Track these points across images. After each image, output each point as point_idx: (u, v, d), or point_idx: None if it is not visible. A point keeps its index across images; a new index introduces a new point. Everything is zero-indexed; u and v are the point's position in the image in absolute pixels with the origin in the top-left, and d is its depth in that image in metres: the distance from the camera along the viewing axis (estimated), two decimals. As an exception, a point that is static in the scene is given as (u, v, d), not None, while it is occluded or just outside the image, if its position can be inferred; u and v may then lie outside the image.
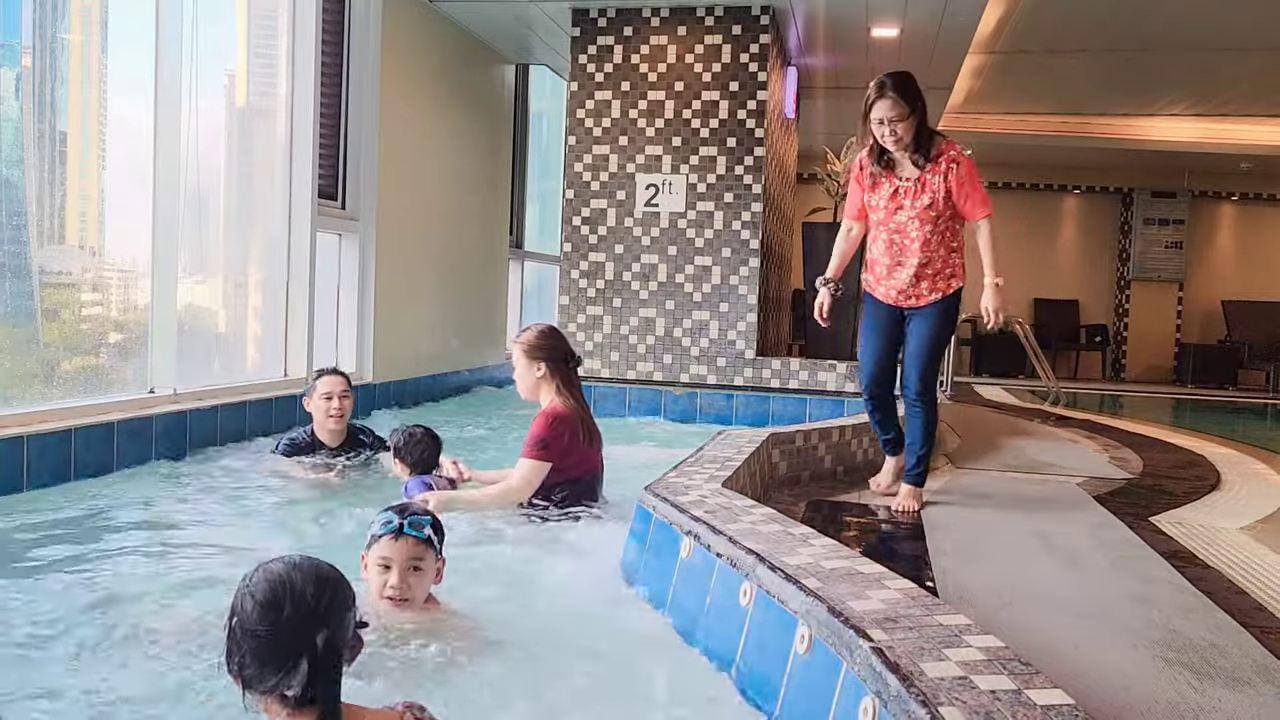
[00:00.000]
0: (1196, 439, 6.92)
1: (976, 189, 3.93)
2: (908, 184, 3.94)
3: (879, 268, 4.07)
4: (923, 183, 3.90)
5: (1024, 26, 7.96)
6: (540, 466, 3.51)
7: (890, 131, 3.79)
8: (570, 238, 7.10)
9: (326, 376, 4.35)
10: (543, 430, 3.54)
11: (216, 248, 5.33)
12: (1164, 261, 13.80)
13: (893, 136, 3.80)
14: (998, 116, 11.56)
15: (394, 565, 2.24)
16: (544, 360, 3.65)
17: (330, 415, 4.26)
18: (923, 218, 3.92)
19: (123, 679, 2.03)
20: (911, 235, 3.95)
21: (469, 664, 2.12)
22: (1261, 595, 2.99)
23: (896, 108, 3.76)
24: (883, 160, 3.94)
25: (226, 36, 5.44)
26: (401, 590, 2.23)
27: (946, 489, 4.48)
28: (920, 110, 3.83)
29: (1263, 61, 8.76)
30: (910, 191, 3.94)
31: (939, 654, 1.58)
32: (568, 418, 3.59)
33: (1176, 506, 4.36)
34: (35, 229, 4.10)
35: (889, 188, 3.97)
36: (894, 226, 3.97)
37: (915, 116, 3.80)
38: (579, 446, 3.61)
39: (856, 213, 4.13)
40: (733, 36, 6.83)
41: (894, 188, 3.96)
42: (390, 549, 2.24)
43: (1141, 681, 2.23)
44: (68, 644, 2.21)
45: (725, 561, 2.27)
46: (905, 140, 3.82)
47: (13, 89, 4.12)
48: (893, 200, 3.96)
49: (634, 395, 6.83)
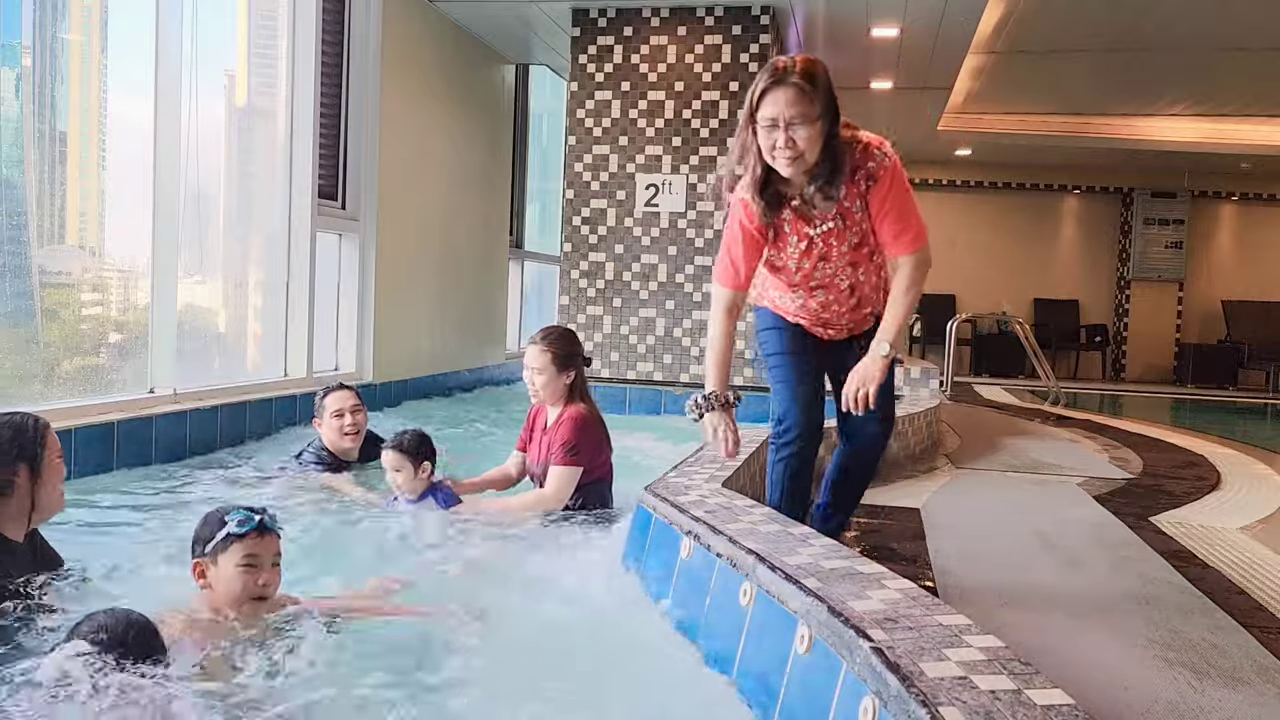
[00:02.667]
0: (1196, 439, 6.92)
1: (907, 207, 2.67)
2: (824, 228, 2.70)
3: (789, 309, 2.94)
4: (843, 215, 2.69)
5: (1024, 26, 7.95)
6: (574, 473, 3.51)
7: (786, 141, 2.53)
8: (570, 238, 7.10)
9: (333, 394, 4.04)
10: (573, 436, 3.52)
11: (216, 248, 5.33)
12: (1164, 261, 13.80)
13: (788, 149, 2.53)
14: (998, 116, 11.55)
15: (261, 562, 2.17)
16: (574, 368, 3.63)
17: (346, 434, 3.97)
18: (854, 260, 2.77)
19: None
20: (842, 287, 2.82)
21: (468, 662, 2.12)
22: (1261, 595, 2.99)
23: (800, 102, 2.51)
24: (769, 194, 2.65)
25: (226, 36, 5.44)
26: (270, 588, 2.19)
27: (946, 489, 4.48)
28: (832, 114, 2.58)
29: (1263, 61, 8.76)
30: (830, 236, 2.71)
31: (939, 654, 1.58)
32: (594, 421, 3.61)
33: (1176, 506, 4.36)
34: (35, 229, 4.10)
35: (798, 241, 2.74)
36: (815, 283, 2.82)
37: (824, 123, 2.56)
38: (603, 449, 3.63)
39: (739, 279, 2.76)
40: (733, 36, 6.83)
41: (805, 239, 2.72)
42: (257, 545, 2.17)
43: (1141, 681, 2.23)
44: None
45: (725, 561, 2.27)
46: (806, 157, 2.56)
47: (13, 89, 4.12)
48: (806, 257, 2.75)
49: (634, 395, 6.83)
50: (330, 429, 3.99)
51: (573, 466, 3.50)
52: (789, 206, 2.70)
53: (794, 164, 2.57)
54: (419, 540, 3.17)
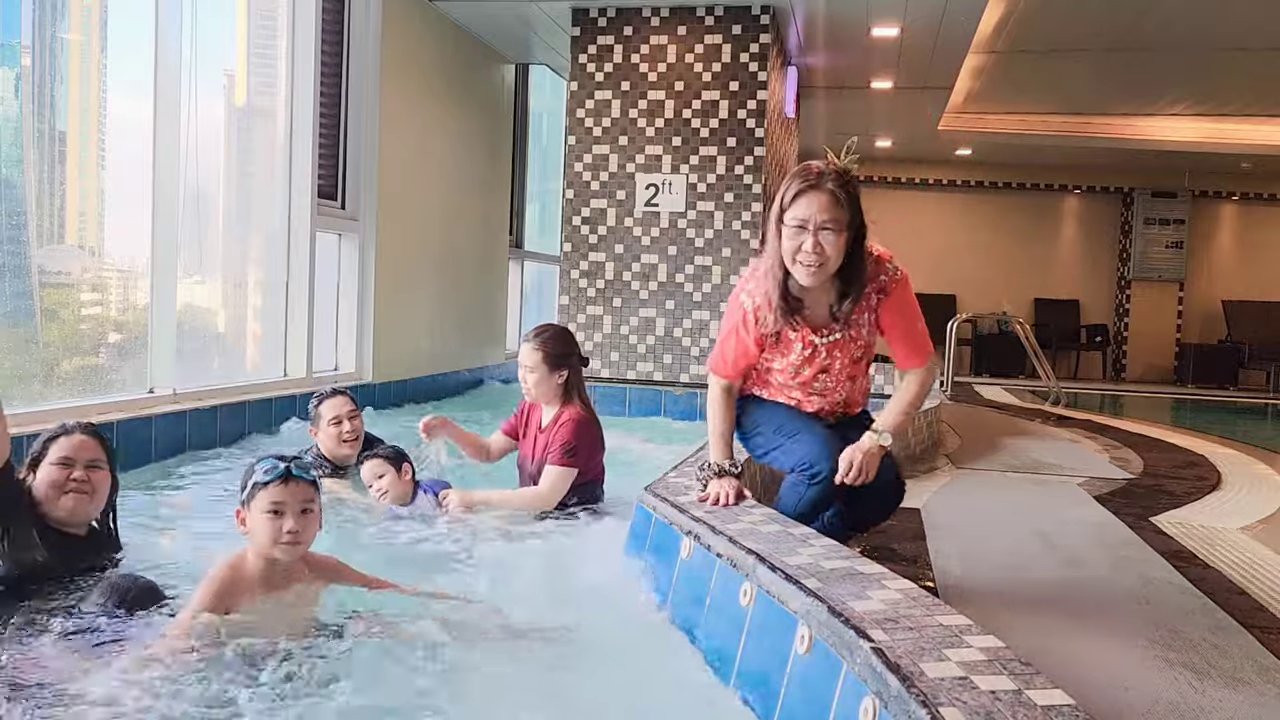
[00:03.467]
0: (1197, 439, 6.91)
1: (918, 324, 2.70)
2: (831, 339, 2.69)
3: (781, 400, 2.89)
4: (851, 327, 2.69)
5: (1024, 26, 7.95)
6: (570, 473, 3.52)
7: (814, 245, 2.50)
8: (570, 238, 7.10)
9: (328, 400, 3.84)
10: (572, 437, 3.53)
11: (216, 248, 5.33)
12: (1164, 261, 13.80)
13: (814, 254, 2.50)
14: (998, 116, 11.55)
15: (286, 510, 2.22)
16: (568, 368, 3.63)
17: (345, 441, 3.80)
18: (853, 374, 2.80)
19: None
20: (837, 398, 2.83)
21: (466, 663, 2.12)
22: (1261, 595, 2.99)
23: (834, 208, 2.50)
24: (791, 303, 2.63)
25: (226, 36, 5.44)
26: (298, 534, 2.22)
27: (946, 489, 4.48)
28: (859, 225, 2.56)
29: (1263, 61, 8.75)
30: (835, 347, 2.71)
31: (939, 654, 1.58)
32: (591, 422, 3.62)
33: (1177, 506, 4.35)
34: (35, 229, 4.10)
35: (803, 349, 2.71)
36: (813, 391, 2.81)
37: (850, 234, 2.54)
38: (597, 451, 3.65)
39: (738, 370, 2.81)
40: (733, 36, 6.83)
41: (809, 346, 2.70)
42: (281, 493, 2.23)
43: (1141, 681, 2.23)
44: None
45: (725, 561, 2.27)
46: (829, 265, 2.53)
47: (13, 89, 4.12)
48: (809, 364, 2.73)
49: (634, 395, 6.83)
50: (328, 436, 3.82)
51: (569, 468, 3.51)
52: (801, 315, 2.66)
53: (817, 272, 2.54)
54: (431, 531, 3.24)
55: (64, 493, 2.53)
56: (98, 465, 2.60)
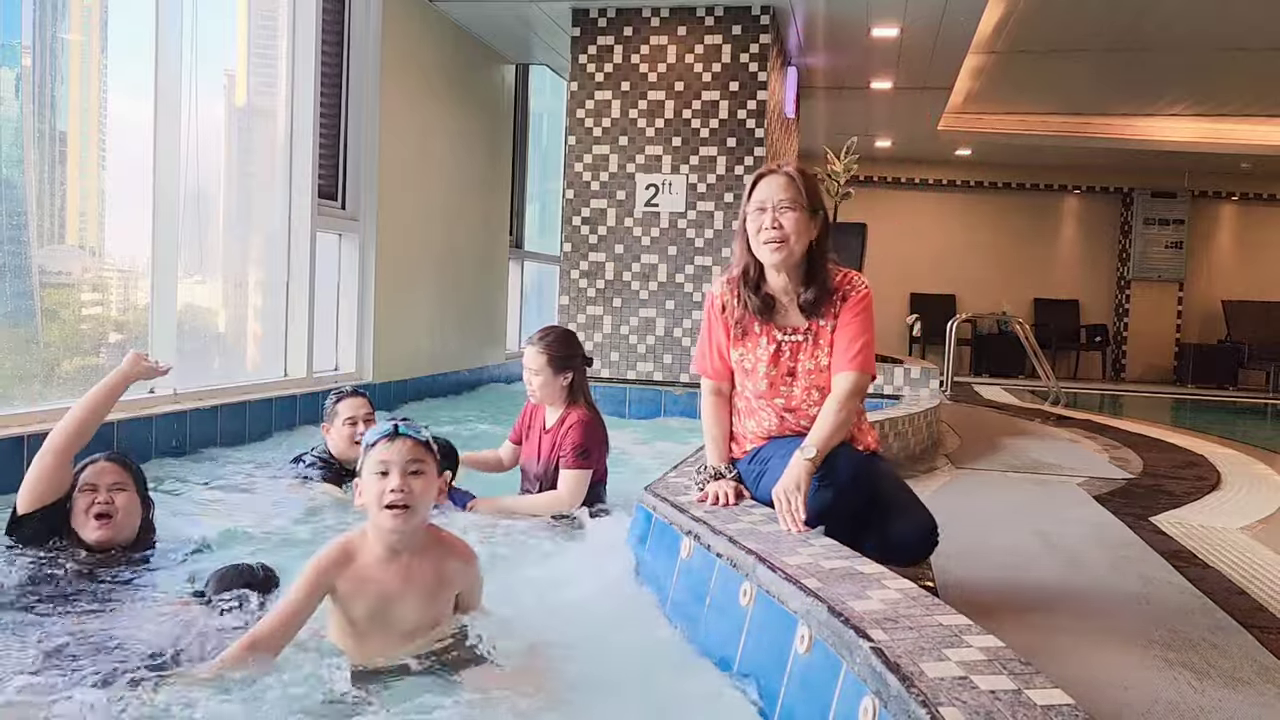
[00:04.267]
0: (1197, 439, 6.92)
1: (868, 332, 2.71)
2: (794, 338, 2.75)
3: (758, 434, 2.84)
4: (815, 332, 2.74)
5: (1024, 26, 7.95)
6: (586, 475, 3.55)
7: (773, 222, 2.64)
8: (570, 238, 7.10)
9: (346, 400, 3.87)
10: (582, 439, 3.55)
11: (216, 248, 5.33)
12: (1164, 261, 13.81)
13: (775, 232, 2.63)
14: (998, 116, 11.56)
15: (392, 469, 2.09)
16: (572, 370, 3.64)
17: (357, 442, 3.63)
18: (820, 384, 2.74)
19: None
20: (809, 403, 2.75)
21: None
22: (1262, 595, 2.99)
23: (790, 188, 2.66)
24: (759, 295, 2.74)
25: (226, 36, 5.44)
26: (404, 494, 2.08)
27: (946, 489, 4.48)
28: (822, 219, 2.71)
29: (1263, 61, 8.76)
30: (800, 349, 2.75)
31: (939, 654, 1.58)
32: (598, 423, 3.64)
33: (1177, 506, 4.36)
34: (35, 229, 4.10)
35: (767, 344, 2.77)
36: (782, 405, 2.77)
37: (816, 221, 2.69)
38: (604, 450, 3.67)
39: (718, 369, 2.85)
40: (733, 36, 6.83)
41: (774, 344, 2.76)
42: (387, 451, 2.11)
43: (1141, 681, 2.23)
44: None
45: (725, 561, 2.27)
46: (791, 244, 2.64)
47: (13, 89, 4.12)
48: (774, 364, 2.75)
49: (634, 395, 6.83)
50: (340, 436, 3.84)
51: (585, 469, 3.54)
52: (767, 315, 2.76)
53: (779, 249, 2.66)
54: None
55: (90, 516, 2.69)
56: (121, 488, 2.76)
